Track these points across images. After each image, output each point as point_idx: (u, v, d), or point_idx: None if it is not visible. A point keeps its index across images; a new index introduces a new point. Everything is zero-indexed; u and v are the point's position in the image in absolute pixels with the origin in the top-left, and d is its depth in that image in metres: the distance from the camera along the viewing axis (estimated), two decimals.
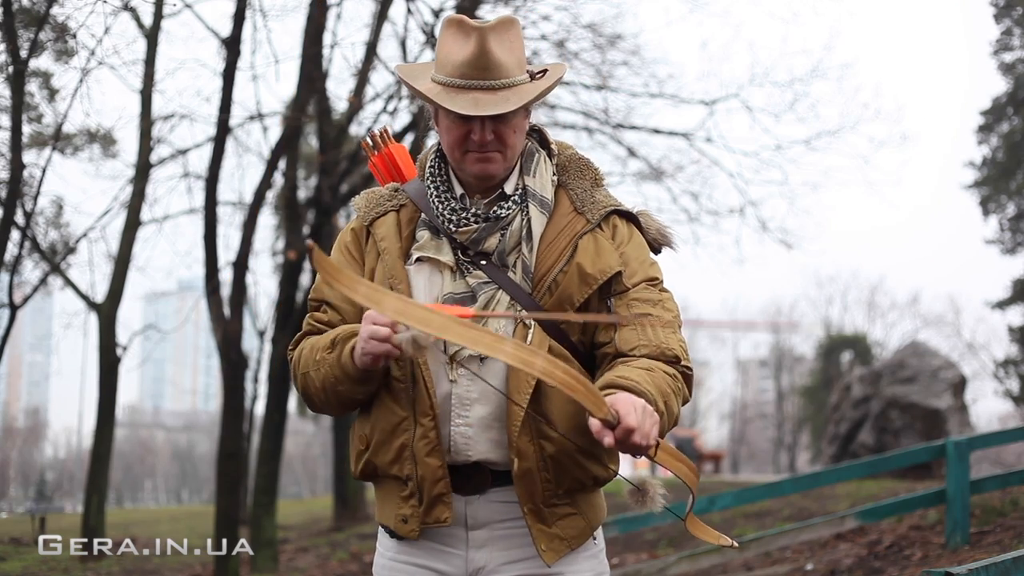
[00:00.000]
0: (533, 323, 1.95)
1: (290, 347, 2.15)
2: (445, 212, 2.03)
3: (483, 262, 2.00)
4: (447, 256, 2.01)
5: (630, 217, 2.09)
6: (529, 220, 2.01)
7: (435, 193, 2.06)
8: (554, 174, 2.10)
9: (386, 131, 2.42)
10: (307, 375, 2.04)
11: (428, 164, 2.12)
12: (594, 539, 2.06)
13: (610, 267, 1.99)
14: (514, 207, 2.02)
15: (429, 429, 1.95)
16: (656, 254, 2.13)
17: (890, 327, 43.69)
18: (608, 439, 1.69)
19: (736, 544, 2.00)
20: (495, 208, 2.02)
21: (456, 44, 1.96)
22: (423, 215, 2.07)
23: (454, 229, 2.01)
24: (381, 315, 1.78)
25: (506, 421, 1.94)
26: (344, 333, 1.99)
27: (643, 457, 1.78)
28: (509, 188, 2.05)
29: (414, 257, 2.04)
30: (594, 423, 1.70)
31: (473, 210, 2.02)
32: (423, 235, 2.06)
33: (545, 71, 2.04)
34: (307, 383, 2.05)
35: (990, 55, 26.53)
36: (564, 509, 1.99)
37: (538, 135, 2.15)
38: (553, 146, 2.14)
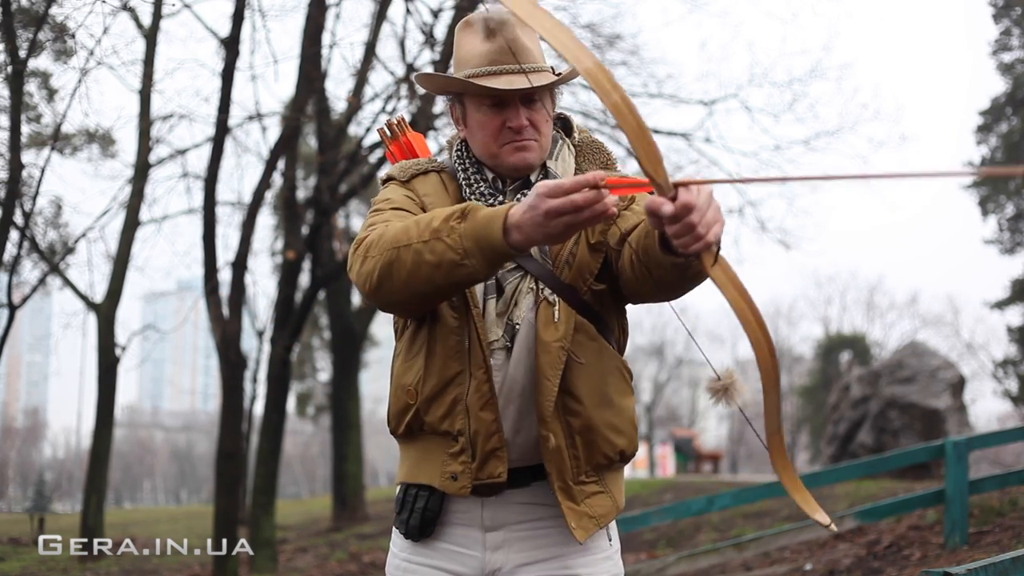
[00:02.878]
0: (557, 299, 1.94)
1: (353, 246, 1.94)
2: (474, 196, 2.04)
3: None
4: None
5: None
6: None
7: (464, 176, 2.07)
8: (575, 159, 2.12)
9: (403, 120, 2.40)
10: (403, 248, 1.80)
11: (455, 153, 2.12)
12: (609, 540, 2.04)
13: (608, 223, 1.95)
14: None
15: (482, 382, 1.92)
16: None
17: (889, 327, 43.73)
18: (668, 207, 1.51)
19: (834, 527, 1.84)
20: (519, 196, 2.02)
21: (480, 37, 1.99)
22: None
23: None
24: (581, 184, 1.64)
25: (536, 401, 1.92)
26: (474, 207, 1.77)
27: (700, 261, 1.59)
28: (534, 176, 2.05)
29: None
30: (651, 200, 1.53)
31: (500, 198, 2.02)
32: None
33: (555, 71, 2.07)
34: (395, 261, 1.81)
35: (989, 55, 26.56)
36: (592, 487, 1.97)
37: (563, 122, 2.16)
38: (576, 133, 2.15)
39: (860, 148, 31.25)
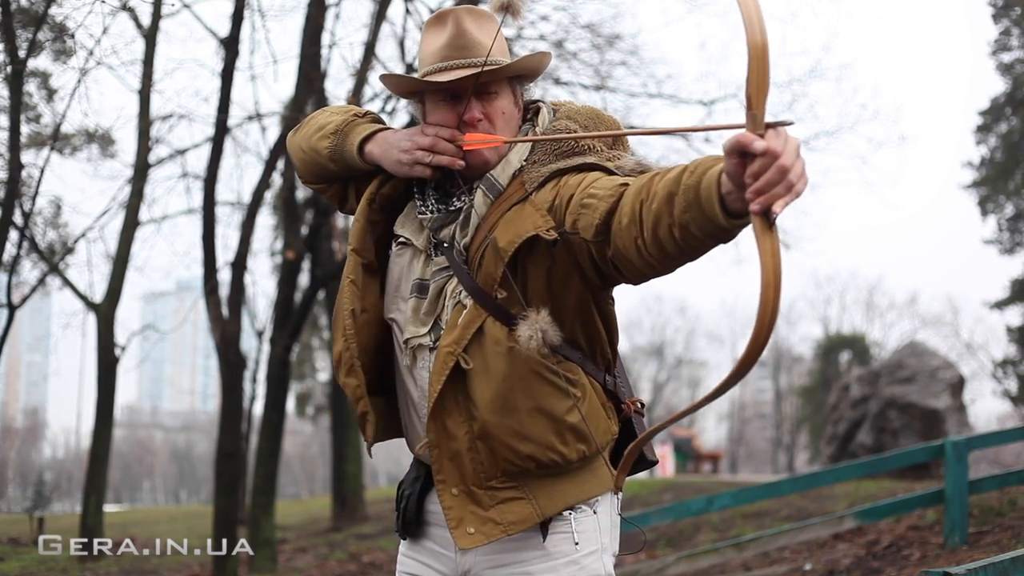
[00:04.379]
0: (470, 301, 1.93)
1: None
2: (426, 192, 2.07)
3: (445, 245, 2.01)
4: (421, 240, 2.04)
5: (592, 167, 1.93)
6: (472, 206, 1.99)
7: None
8: (527, 157, 2.03)
9: None
10: (324, 113, 2.24)
11: None
12: (576, 544, 1.97)
13: (520, 234, 1.87)
14: (467, 198, 2.01)
15: (344, 350, 2.05)
16: None
17: (888, 327, 43.74)
18: (759, 143, 1.40)
19: (620, 490, 1.94)
20: (453, 200, 2.03)
21: (434, 35, 2.00)
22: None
23: (418, 214, 2.05)
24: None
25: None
26: (380, 119, 2.18)
27: (762, 221, 1.43)
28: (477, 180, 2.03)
29: (398, 240, 2.09)
30: (741, 136, 1.42)
31: (433, 196, 2.04)
32: (411, 209, 2.08)
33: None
34: (318, 115, 2.25)
35: (988, 55, 26.56)
36: (507, 493, 1.93)
37: (537, 115, 2.10)
38: (540, 125, 2.07)
39: (859, 148, 31.24)
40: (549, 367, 1.90)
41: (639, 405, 2.11)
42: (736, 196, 1.48)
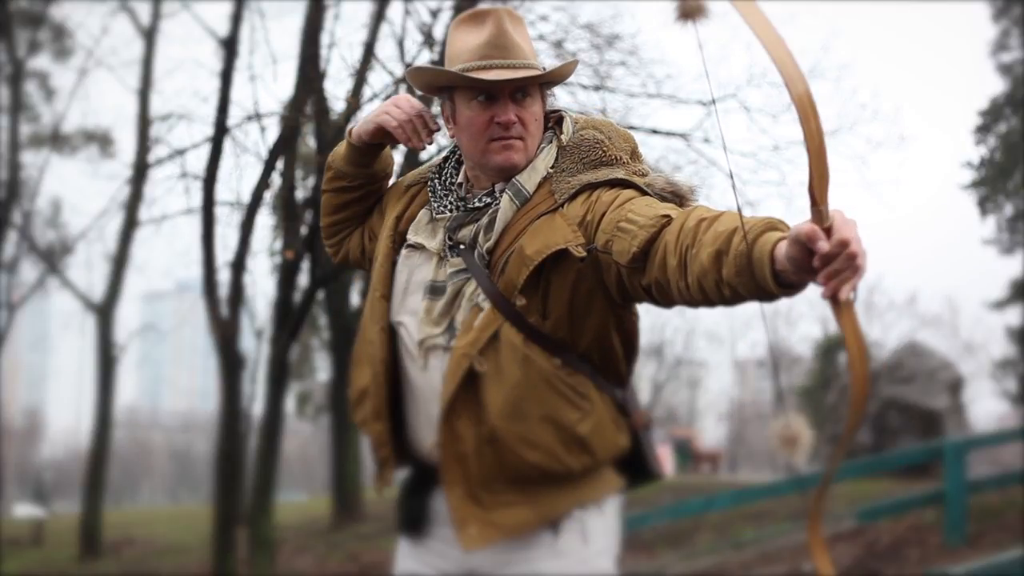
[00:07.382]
0: (487, 304, 1.92)
1: None
2: (439, 194, 2.07)
3: (462, 247, 1.99)
4: (435, 242, 2.02)
5: (624, 184, 1.94)
6: (497, 210, 1.98)
7: (438, 178, 2.09)
8: (552, 165, 2.02)
9: None
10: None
11: (443, 157, 2.14)
12: (586, 543, 1.99)
13: (550, 245, 1.87)
14: (489, 199, 2.00)
15: (373, 395, 2.04)
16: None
17: (888, 327, 43.72)
18: (824, 244, 1.43)
19: None
20: (473, 200, 2.02)
21: (471, 33, 1.98)
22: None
23: (435, 215, 2.04)
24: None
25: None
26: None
27: (837, 303, 1.48)
28: (500, 184, 2.02)
29: (409, 242, 2.07)
30: (804, 228, 1.45)
31: (451, 197, 2.03)
32: (423, 216, 2.07)
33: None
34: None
35: (988, 55, 26.56)
36: (508, 497, 1.93)
37: (561, 124, 2.08)
38: (565, 134, 2.05)
39: (858, 148, 31.24)
40: (562, 378, 1.91)
41: (647, 419, 2.13)
42: (791, 273, 1.52)
